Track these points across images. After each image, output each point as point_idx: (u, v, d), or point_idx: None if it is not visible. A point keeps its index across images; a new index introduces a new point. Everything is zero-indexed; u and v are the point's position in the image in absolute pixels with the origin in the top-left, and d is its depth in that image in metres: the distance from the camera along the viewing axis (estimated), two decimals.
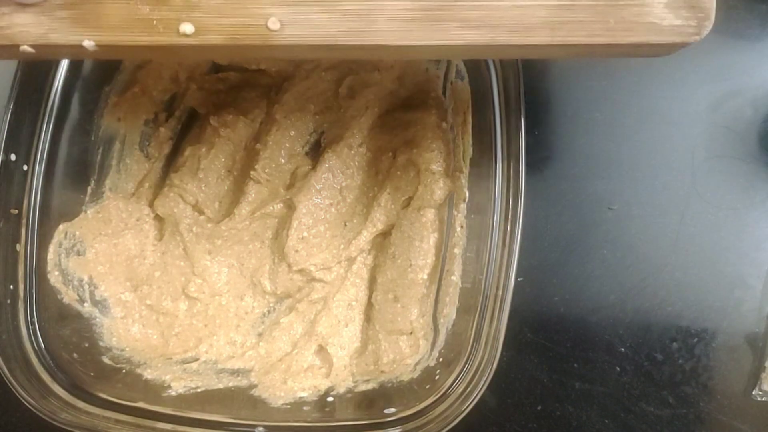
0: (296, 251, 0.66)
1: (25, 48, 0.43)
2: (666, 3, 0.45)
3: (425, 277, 0.65)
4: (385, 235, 0.67)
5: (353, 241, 0.66)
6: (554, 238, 0.67)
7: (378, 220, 0.66)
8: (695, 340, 0.66)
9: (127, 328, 0.65)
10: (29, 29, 0.43)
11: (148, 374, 0.62)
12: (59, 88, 0.60)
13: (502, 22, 0.45)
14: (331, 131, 0.69)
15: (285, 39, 0.43)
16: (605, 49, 0.46)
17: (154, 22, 0.43)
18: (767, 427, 0.65)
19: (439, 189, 0.63)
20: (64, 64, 0.59)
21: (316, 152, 0.69)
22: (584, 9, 0.45)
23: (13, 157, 0.57)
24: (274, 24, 0.43)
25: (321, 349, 0.66)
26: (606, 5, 0.45)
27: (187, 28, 0.42)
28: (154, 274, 0.67)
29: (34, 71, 0.58)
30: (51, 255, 0.61)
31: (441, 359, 0.60)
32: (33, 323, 0.58)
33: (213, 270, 0.68)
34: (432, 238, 0.65)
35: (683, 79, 0.68)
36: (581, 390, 0.66)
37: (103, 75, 0.65)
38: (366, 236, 0.66)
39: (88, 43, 0.43)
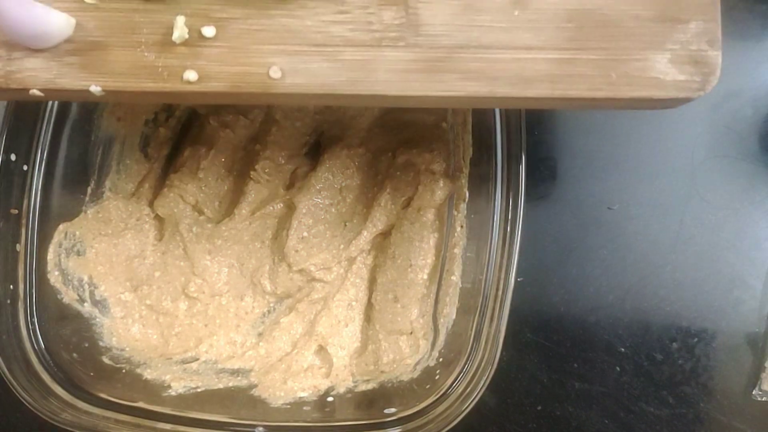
0: (296, 251, 0.66)
1: (35, 92, 0.45)
2: (670, 58, 0.45)
3: (425, 277, 0.65)
4: (385, 235, 0.67)
5: (353, 241, 0.66)
6: (554, 238, 0.67)
7: (378, 220, 0.66)
8: (695, 340, 0.66)
9: (127, 328, 0.65)
10: (39, 74, 0.44)
11: (148, 374, 0.62)
12: None
13: (503, 74, 0.45)
14: (330, 131, 0.69)
15: (286, 88, 0.44)
16: (607, 102, 0.46)
17: (159, 69, 0.44)
18: (767, 428, 0.65)
19: (439, 189, 0.63)
20: None
21: (316, 152, 0.69)
22: (586, 63, 0.45)
23: (13, 157, 0.57)
24: (275, 73, 0.44)
25: (321, 349, 0.66)
26: (608, 59, 0.45)
27: (191, 75, 0.44)
28: (154, 274, 0.67)
29: None
30: (51, 255, 0.61)
31: (441, 359, 0.60)
32: (33, 323, 0.58)
33: (213, 270, 0.68)
34: (432, 238, 0.65)
35: None
36: (581, 390, 0.66)
37: None
38: (366, 236, 0.66)
39: (95, 89, 0.44)
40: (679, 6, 0.45)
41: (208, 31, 0.44)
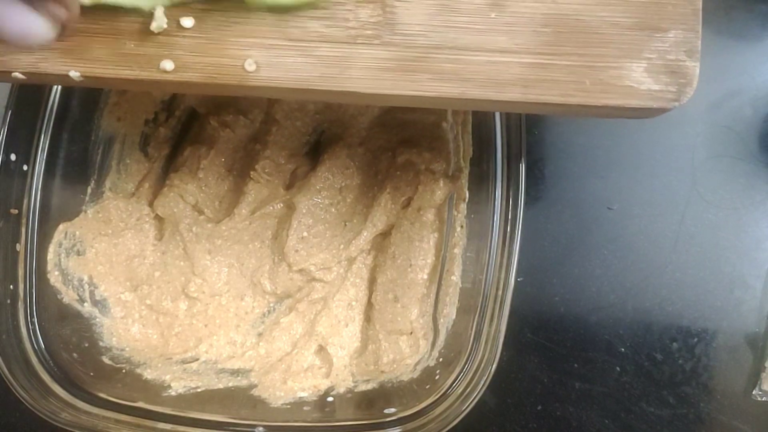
0: (296, 251, 0.66)
1: (17, 74, 0.46)
2: (646, 67, 0.44)
3: (425, 277, 0.65)
4: (385, 235, 0.67)
5: (353, 241, 0.66)
6: (554, 238, 0.67)
7: (378, 220, 0.66)
8: (695, 339, 0.66)
9: (127, 328, 0.65)
10: (21, 57, 0.45)
11: (148, 374, 0.62)
12: (59, 88, 0.60)
13: (475, 76, 0.45)
14: (330, 131, 0.69)
15: (260, 80, 0.45)
16: (580, 109, 0.46)
17: (137, 57, 0.45)
18: (767, 428, 0.65)
19: (439, 189, 0.63)
20: None
21: (316, 152, 0.69)
22: (560, 68, 0.45)
23: (13, 157, 0.57)
24: (250, 66, 0.44)
25: (321, 349, 0.66)
26: (583, 66, 0.45)
27: (167, 65, 0.44)
28: (154, 274, 0.67)
29: None
30: (51, 255, 0.61)
31: (441, 359, 0.60)
32: (33, 323, 0.58)
33: (213, 270, 0.68)
34: (432, 238, 0.65)
35: None
36: (581, 390, 0.66)
37: None
38: (366, 236, 0.66)
39: (74, 74, 0.45)
40: (659, 14, 0.44)
41: (187, 21, 0.44)
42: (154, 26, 0.43)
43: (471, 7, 0.44)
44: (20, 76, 0.45)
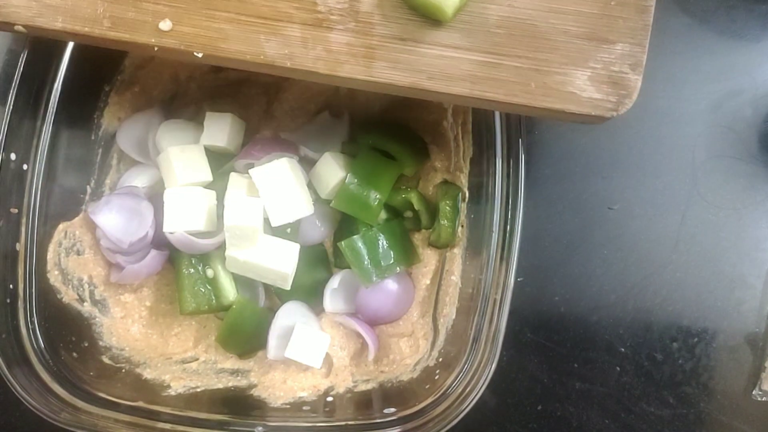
0: None
1: (19, 28, 0.50)
2: (590, 76, 0.46)
3: (428, 282, 0.65)
4: None
5: None
6: (554, 238, 0.67)
7: None
8: (695, 339, 0.66)
9: (126, 328, 0.65)
10: (21, 11, 0.49)
11: (147, 374, 0.62)
12: (59, 87, 0.60)
13: (428, 68, 0.47)
14: None
15: (231, 53, 0.48)
16: (522, 109, 0.48)
17: (100, 15, 0.49)
18: (767, 428, 0.65)
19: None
20: (65, 63, 0.59)
21: None
22: (508, 69, 0.47)
23: (13, 156, 0.57)
24: (214, 33, 0.48)
25: None
26: (530, 68, 0.47)
27: (164, 25, 0.48)
28: (154, 275, 0.67)
29: (34, 70, 0.58)
30: (51, 255, 0.61)
31: (441, 359, 0.60)
32: (33, 323, 0.58)
33: None
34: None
35: (683, 79, 0.68)
36: (581, 390, 0.66)
37: (103, 74, 0.65)
38: None
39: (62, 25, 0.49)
40: (609, 27, 0.46)
41: None
42: None
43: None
44: (21, 29, 0.50)
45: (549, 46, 0.46)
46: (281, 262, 0.57)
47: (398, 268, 0.61)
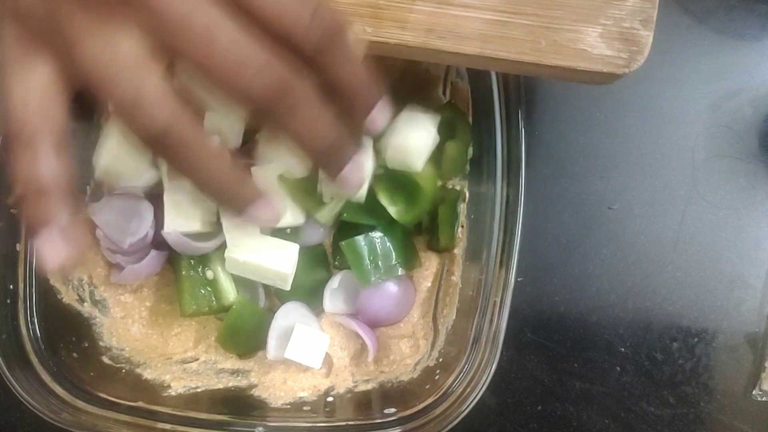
0: None
1: None
2: (600, 32, 0.46)
3: (429, 284, 0.65)
4: None
5: None
6: (554, 238, 0.67)
7: None
8: (696, 339, 0.66)
9: (126, 328, 0.65)
10: None
11: (148, 374, 0.62)
12: None
13: (438, 27, 0.47)
14: None
15: None
16: (533, 68, 0.48)
17: None
18: (767, 428, 0.65)
19: None
20: None
21: None
22: (518, 27, 0.46)
23: None
24: None
25: None
26: (540, 26, 0.46)
27: None
28: (154, 276, 0.67)
29: None
30: None
31: (441, 359, 0.60)
32: (33, 323, 0.58)
33: None
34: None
35: (683, 79, 0.68)
36: (581, 390, 0.66)
37: None
38: None
39: None
40: None
41: None
42: None
43: None
44: None
45: (559, 2, 0.46)
46: (281, 262, 0.57)
47: (399, 271, 0.61)
